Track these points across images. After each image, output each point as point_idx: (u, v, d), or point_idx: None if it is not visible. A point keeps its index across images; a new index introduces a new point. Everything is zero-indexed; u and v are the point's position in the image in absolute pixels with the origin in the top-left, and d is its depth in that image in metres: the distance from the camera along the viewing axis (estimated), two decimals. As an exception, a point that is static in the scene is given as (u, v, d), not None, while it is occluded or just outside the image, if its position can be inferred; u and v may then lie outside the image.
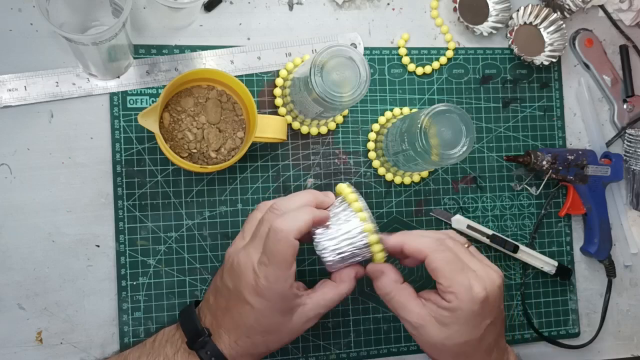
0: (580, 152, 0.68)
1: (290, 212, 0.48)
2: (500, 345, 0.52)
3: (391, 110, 0.65)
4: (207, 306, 0.52)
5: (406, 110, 0.65)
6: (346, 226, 0.50)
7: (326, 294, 0.51)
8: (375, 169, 0.65)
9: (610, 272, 0.69)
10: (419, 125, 0.54)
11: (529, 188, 0.68)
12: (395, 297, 0.50)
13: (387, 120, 0.65)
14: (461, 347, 0.49)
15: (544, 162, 0.66)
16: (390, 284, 0.51)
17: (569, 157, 0.67)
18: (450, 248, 0.50)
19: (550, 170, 0.66)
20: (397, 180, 0.65)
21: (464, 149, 0.55)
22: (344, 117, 0.64)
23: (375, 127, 0.65)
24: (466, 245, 0.52)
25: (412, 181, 0.65)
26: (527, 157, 0.66)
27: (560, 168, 0.66)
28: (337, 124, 0.64)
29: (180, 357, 0.50)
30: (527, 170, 0.68)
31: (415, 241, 0.50)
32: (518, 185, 0.68)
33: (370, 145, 0.64)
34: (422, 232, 0.53)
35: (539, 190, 0.68)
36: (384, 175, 0.65)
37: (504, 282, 0.51)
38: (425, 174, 0.66)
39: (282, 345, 0.51)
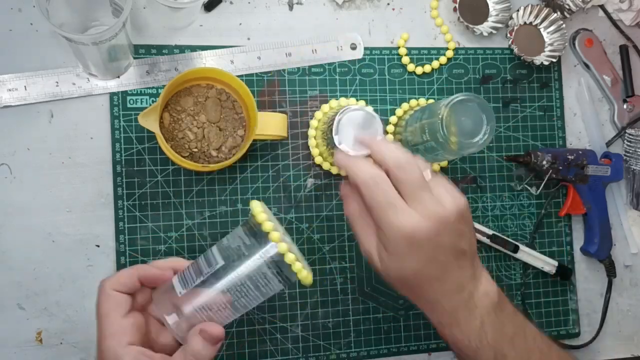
0: (580, 152, 0.68)
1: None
2: (474, 275, 0.48)
3: (408, 102, 0.66)
4: None
5: (422, 101, 0.66)
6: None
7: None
8: None
9: (611, 272, 0.69)
10: (440, 116, 0.55)
11: (529, 188, 0.68)
12: (353, 224, 0.49)
13: (405, 112, 0.65)
14: (409, 279, 0.47)
15: (544, 162, 0.66)
16: (351, 210, 0.49)
17: (569, 157, 0.67)
18: (403, 179, 0.46)
19: (551, 170, 0.66)
20: None
21: (486, 136, 0.55)
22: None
23: (393, 119, 0.65)
24: (427, 171, 0.48)
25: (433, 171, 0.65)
26: (528, 157, 0.66)
27: (561, 168, 0.66)
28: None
29: None
30: (528, 170, 0.68)
31: (383, 151, 0.47)
32: (518, 185, 0.68)
33: (389, 137, 0.64)
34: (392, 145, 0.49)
35: (539, 190, 0.68)
36: None
37: (463, 210, 0.47)
38: (444, 163, 0.66)
39: None
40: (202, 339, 0.44)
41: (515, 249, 0.66)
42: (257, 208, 0.47)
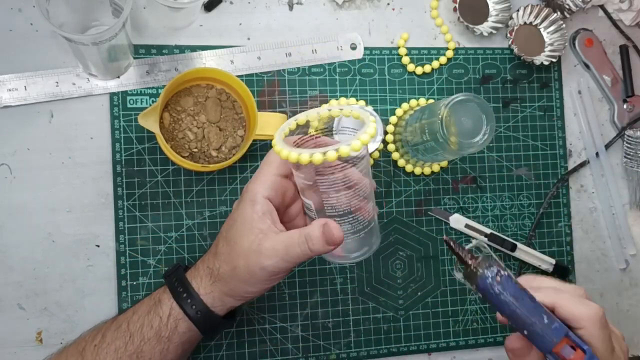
0: None
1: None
2: None
3: (408, 102, 0.66)
4: (203, 259, 0.51)
5: (422, 101, 0.66)
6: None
7: (291, 238, 0.46)
8: (395, 161, 0.65)
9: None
10: (440, 116, 0.55)
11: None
12: None
13: (405, 112, 0.65)
14: None
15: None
16: None
17: None
18: (606, 324, 0.43)
19: None
20: (417, 171, 0.65)
21: (486, 136, 0.55)
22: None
23: (393, 119, 0.65)
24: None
25: (432, 171, 0.66)
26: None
27: None
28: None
29: (172, 319, 0.49)
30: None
31: (574, 308, 0.43)
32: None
33: (389, 137, 0.64)
34: (572, 290, 0.45)
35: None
36: (403, 167, 0.65)
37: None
38: (444, 163, 0.66)
39: (257, 275, 0.46)
40: (322, 231, 0.45)
41: (513, 247, 0.66)
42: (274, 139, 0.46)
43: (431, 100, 0.66)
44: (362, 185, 0.46)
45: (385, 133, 0.64)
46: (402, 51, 0.66)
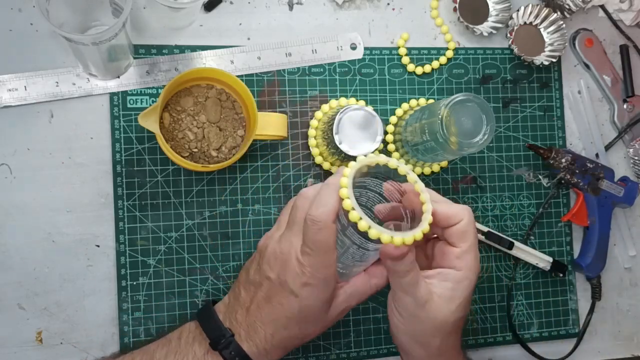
0: (599, 165, 0.68)
1: (320, 197, 0.47)
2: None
3: (408, 102, 0.66)
4: (235, 303, 0.52)
5: (422, 101, 0.66)
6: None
7: (358, 287, 0.51)
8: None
9: (596, 293, 0.69)
10: (440, 116, 0.55)
11: (541, 178, 0.68)
12: (411, 274, 0.48)
13: (405, 112, 0.65)
14: (457, 323, 0.49)
15: (563, 161, 0.66)
16: (413, 261, 0.48)
17: (588, 164, 0.67)
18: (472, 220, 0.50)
19: (567, 171, 0.66)
20: (417, 171, 0.65)
21: (486, 136, 0.55)
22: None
23: (393, 119, 0.65)
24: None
25: (432, 171, 0.66)
26: (548, 152, 0.66)
27: (577, 172, 0.66)
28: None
29: (210, 357, 0.50)
30: (543, 165, 0.68)
31: (449, 208, 0.49)
32: (531, 175, 0.68)
33: (389, 137, 0.64)
34: (440, 197, 0.51)
35: (550, 183, 0.68)
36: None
37: None
38: (444, 163, 0.66)
39: (313, 337, 0.52)
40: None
41: (510, 245, 0.66)
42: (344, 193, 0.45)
43: (431, 100, 0.66)
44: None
45: (385, 133, 0.64)
46: (402, 51, 0.66)
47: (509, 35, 0.68)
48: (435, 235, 0.52)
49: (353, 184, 0.45)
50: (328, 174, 0.63)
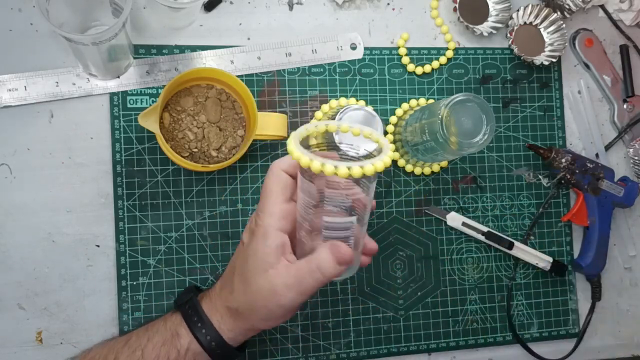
0: (599, 165, 0.68)
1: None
2: None
3: (408, 102, 0.66)
4: (220, 284, 0.52)
5: (422, 101, 0.66)
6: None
7: (301, 270, 0.46)
8: (395, 161, 0.65)
9: (596, 294, 0.69)
10: (440, 116, 0.55)
11: (541, 178, 0.68)
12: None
13: (405, 112, 0.65)
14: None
15: (563, 160, 0.66)
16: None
17: (588, 164, 0.67)
18: None
19: (567, 171, 0.66)
20: (417, 171, 0.65)
21: (486, 136, 0.55)
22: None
23: (393, 119, 0.65)
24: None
25: (432, 171, 0.66)
26: (548, 152, 0.66)
27: (577, 172, 0.66)
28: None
29: (183, 329, 0.50)
30: (543, 165, 0.68)
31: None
32: (531, 175, 0.68)
33: (389, 137, 0.64)
34: None
35: (550, 183, 0.68)
36: (403, 167, 0.65)
37: None
38: (444, 163, 0.66)
39: (276, 311, 0.47)
40: (330, 252, 0.44)
41: (510, 245, 0.66)
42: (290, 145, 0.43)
43: (431, 100, 0.66)
44: (367, 209, 0.46)
45: (386, 133, 0.64)
46: (402, 51, 0.66)
47: (509, 35, 0.68)
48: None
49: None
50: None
